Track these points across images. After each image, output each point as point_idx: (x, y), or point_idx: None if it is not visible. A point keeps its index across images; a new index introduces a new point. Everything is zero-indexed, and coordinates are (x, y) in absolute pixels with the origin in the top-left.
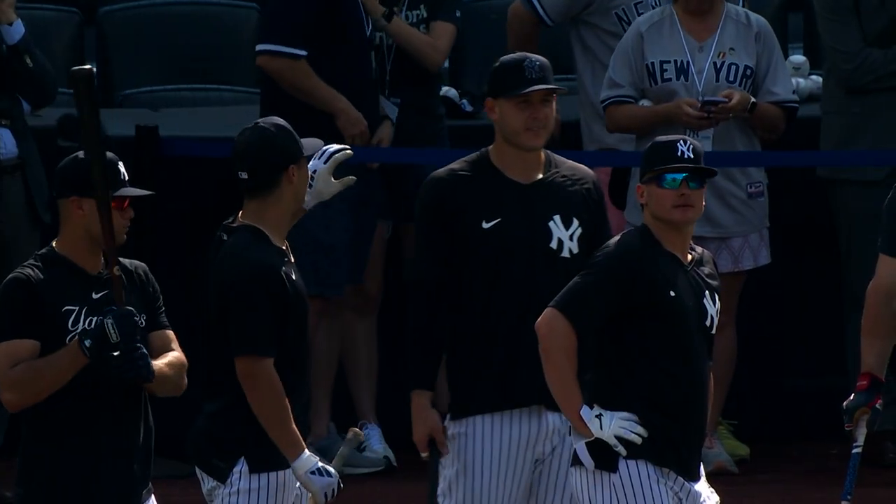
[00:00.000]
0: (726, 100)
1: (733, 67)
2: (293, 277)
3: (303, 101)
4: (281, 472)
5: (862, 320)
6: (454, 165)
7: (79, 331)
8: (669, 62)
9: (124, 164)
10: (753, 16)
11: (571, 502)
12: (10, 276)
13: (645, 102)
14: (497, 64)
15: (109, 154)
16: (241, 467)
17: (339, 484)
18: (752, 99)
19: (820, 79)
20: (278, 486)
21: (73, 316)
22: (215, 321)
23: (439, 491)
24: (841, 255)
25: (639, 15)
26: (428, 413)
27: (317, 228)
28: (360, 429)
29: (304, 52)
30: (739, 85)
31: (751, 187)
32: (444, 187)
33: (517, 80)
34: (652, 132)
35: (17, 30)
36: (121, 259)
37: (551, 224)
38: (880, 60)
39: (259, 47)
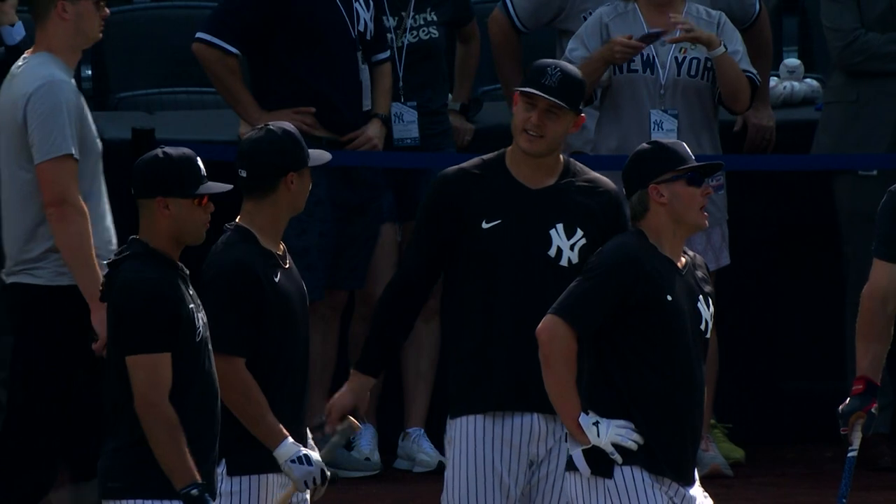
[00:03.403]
0: (664, 30)
1: (695, 61)
2: (276, 279)
3: (227, 100)
4: (264, 476)
5: (857, 324)
6: (467, 164)
7: (199, 336)
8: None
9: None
10: (714, 11)
11: None
12: (137, 279)
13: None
14: (536, 62)
15: (188, 150)
16: (221, 469)
17: (323, 473)
18: (723, 48)
19: (815, 82)
20: (258, 490)
21: (193, 314)
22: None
23: (441, 497)
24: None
25: None
26: (348, 390)
27: (289, 233)
28: None
29: (236, 51)
30: (702, 78)
31: (712, 180)
32: (450, 185)
33: (532, 79)
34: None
35: (19, 31)
36: None
37: (552, 232)
38: (875, 42)
39: (197, 35)
